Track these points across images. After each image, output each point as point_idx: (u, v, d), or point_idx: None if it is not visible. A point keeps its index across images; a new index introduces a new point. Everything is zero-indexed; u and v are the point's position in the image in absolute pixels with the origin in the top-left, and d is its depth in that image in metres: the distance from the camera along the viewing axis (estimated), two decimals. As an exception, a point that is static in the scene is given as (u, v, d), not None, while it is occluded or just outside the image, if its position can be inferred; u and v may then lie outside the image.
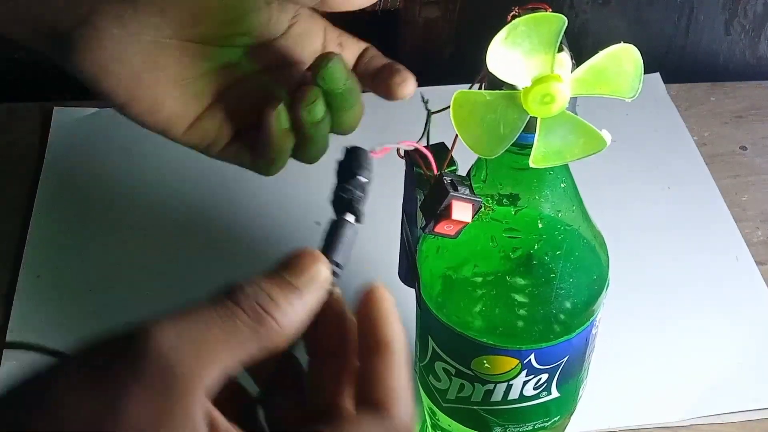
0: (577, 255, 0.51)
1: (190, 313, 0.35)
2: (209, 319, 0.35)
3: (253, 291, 0.36)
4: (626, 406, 0.68)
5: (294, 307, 0.36)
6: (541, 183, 0.48)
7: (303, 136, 0.50)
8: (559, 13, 0.40)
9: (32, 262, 0.76)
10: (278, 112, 0.48)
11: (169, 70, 0.49)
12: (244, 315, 0.35)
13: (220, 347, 0.34)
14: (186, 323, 0.35)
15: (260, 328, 0.35)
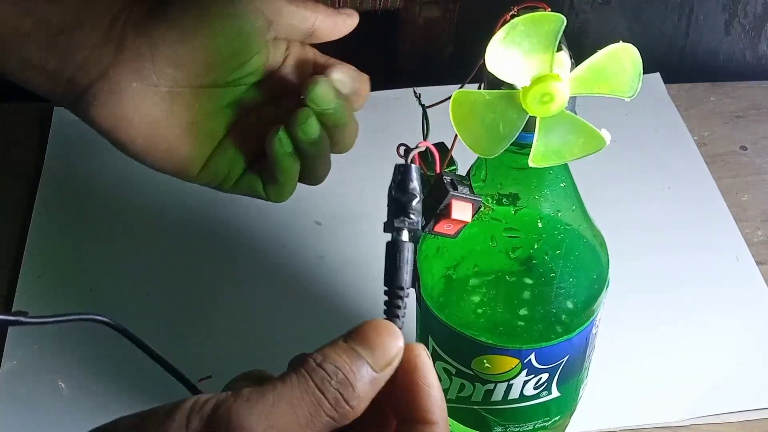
0: (577, 254, 0.51)
1: (276, 394, 0.37)
2: (297, 403, 0.36)
3: (333, 372, 0.37)
4: (626, 406, 0.68)
5: (367, 388, 0.38)
6: (541, 182, 0.48)
7: (306, 157, 0.52)
8: (559, 13, 0.40)
9: (32, 262, 0.76)
10: (279, 136, 0.51)
11: (183, 116, 0.51)
12: (326, 403, 0.37)
13: (300, 430, 0.36)
14: (275, 409, 0.36)
15: (337, 414, 0.37)
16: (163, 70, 0.50)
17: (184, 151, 0.52)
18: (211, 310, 0.74)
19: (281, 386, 0.37)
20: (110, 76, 0.49)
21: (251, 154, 0.54)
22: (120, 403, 0.67)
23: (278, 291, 0.75)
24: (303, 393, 0.37)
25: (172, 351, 0.70)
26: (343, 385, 0.37)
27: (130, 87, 0.49)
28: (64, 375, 0.69)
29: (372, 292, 0.73)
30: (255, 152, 0.54)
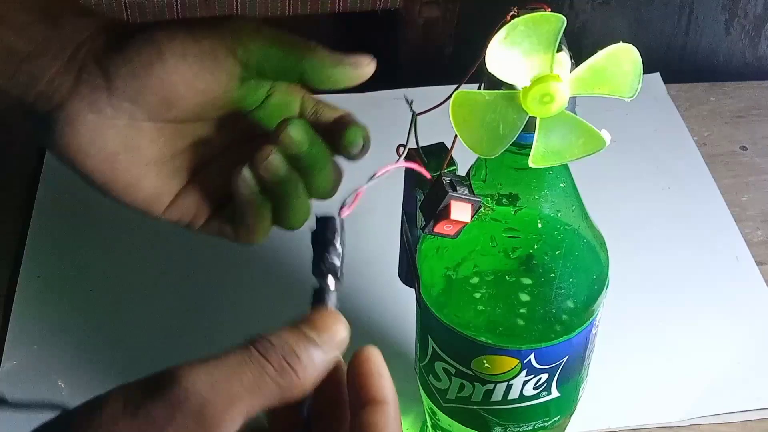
0: (577, 255, 0.51)
1: (221, 360, 0.38)
2: (239, 367, 0.38)
3: (279, 344, 0.39)
4: (626, 406, 0.68)
5: (314, 363, 0.39)
6: (541, 183, 0.48)
7: (276, 198, 0.50)
8: (559, 13, 0.40)
9: (32, 262, 0.76)
10: (242, 174, 0.49)
11: (145, 151, 0.50)
12: (270, 367, 0.38)
13: (246, 394, 0.37)
14: (217, 369, 0.38)
15: (283, 381, 0.38)
16: (120, 103, 0.48)
17: (147, 187, 0.50)
18: (211, 310, 0.74)
19: (225, 354, 0.38)
20: (67, 107, 0.48)
21: (221, 195, 0.52)
22: (120, 403, 0.67)
23: (279, 291, 0.75)
24: (247, 358, 0.38)
25: (172, 351, 0.71)
26: (288, 355, 0.38)
27: (85, 119, 0.48)
28: (64, 375, 0.69)
29: (372, 291, 0.74)
30: (225, 194, 0.51)
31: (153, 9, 0.86)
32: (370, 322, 0.72)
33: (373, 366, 0.41)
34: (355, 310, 0.73)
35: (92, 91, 0.48)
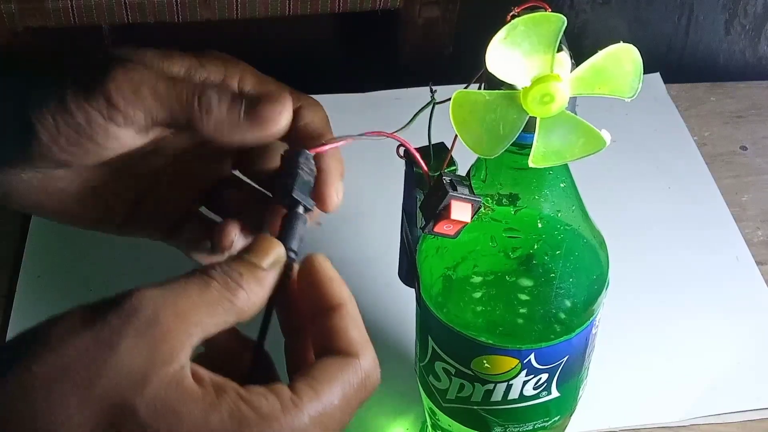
0: (577, 255, 0.51)
1: (171, 280, 0.40)
2: (187, 286, 0.39)
3: (222, 265, 0.40)
4: (626, 406, 0.68)
5: (259, 281, 0.41)
6: (541, 183, 0.48)
7: None
8: (559, 13, 0.40)
9: (32, 262, 0.76)
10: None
11: (70, 190, 0.48)
12: (217, 284, 0.39)
13: (196, 309, 0.38)
14: (167, 288, 0.39)
15: (232, 296, 0.39)
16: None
17: (87, 218, 0.50)
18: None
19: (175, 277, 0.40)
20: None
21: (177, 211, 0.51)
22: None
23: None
24: (193, 277, 0.40)
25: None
26: (231, 272, 0.40)
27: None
28: (64, 375, 0.69)
29: (372, 291, 0.74)
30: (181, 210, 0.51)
31: (153, 9, 0.86)
32: (370, 322, 0.72)
33: (323, 273, 0.43)
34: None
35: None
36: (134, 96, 0.44)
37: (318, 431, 0.38)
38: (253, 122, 0.44)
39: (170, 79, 0.45)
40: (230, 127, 0.44)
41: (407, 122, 0.47)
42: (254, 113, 0.44)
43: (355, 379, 0.40)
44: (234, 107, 0.44)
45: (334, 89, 0.83)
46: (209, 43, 0.49)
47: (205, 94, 0.44)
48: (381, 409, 0.67)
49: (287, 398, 0.38)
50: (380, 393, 0.68)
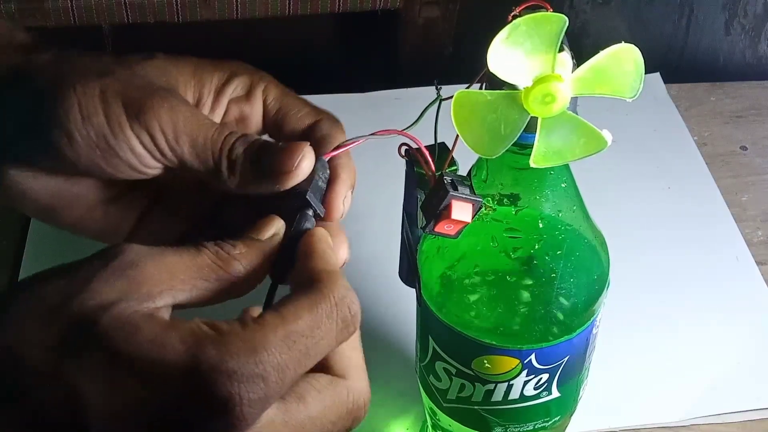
0: (578, 255, 0.51)
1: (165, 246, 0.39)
2: (179, 250, 0.39)
3: (216, 242, 0.40)
4: (626, 406, 0.68)
5: (256, 251, 0.41)
6: (542, 183, 0.48)
7: None
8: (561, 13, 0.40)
9: (32, 262, 0.76)
10: None
11: (82, 198, 0.48)
12: (209, 252, 0.39)
13: (183, 267, 0.38)
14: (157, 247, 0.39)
15: (223, 264, 0.40)
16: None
17: (94, 228, 0.50)
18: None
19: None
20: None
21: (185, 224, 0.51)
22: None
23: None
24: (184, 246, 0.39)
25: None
26: (223, 243, 0.40)
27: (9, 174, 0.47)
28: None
29: (372, 290, 0.73)
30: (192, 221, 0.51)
31: (153, 9, 0.86)
32: (370, 321, 0.72)
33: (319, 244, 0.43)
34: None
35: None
36: (174, 140, 0.44)
37: (283, 350, 0.37)
38: (274, 178, 0.45)
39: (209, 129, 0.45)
40: (252, 184, 0.45)
41: (416, 119, 0.47)
42: (276, 169, 0.44)
43: (325, 305, 0.39)
44: (258, 167, 0.45)
45: (334, 89, 0.83)
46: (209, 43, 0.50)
47: (234, 150, 0.45)
48: (381, 409, 0.67)
49: (249, 319, 0.38)
50: (380, 393, 0.68)
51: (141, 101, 0.44)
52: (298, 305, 0.38)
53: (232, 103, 0.49)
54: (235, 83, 0.48)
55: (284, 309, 0.38)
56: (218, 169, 0.45)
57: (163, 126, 0.44)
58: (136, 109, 0.44)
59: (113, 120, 0.44)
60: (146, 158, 0.45)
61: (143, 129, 0.44)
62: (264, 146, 0.45)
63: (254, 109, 0.49)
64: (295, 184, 0.45)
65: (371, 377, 0.69)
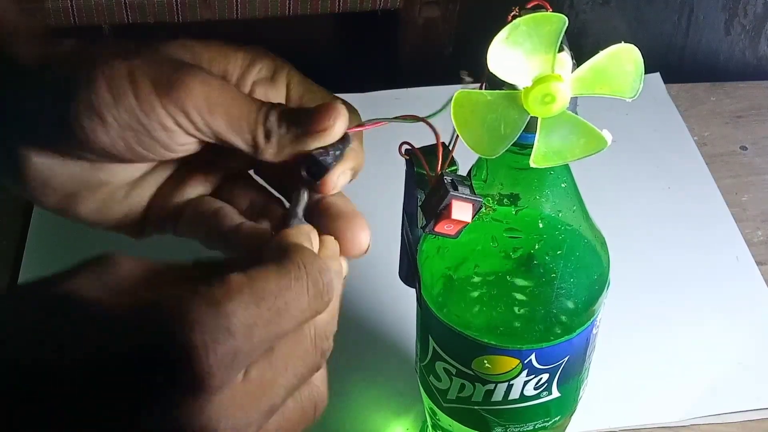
0: (578, 255, 0.51)
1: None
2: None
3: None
4: (626, 406, 0.68)
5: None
6: (542, 183, 0.48)
7: None
8: (561, 13, 0.40)
9: (32, 262, 0.76)
10: None
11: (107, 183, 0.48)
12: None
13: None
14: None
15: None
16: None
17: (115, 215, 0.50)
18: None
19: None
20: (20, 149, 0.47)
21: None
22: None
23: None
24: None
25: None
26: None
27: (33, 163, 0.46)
28: (64, 375, 0.69)
29: (373, 291, 0.74)
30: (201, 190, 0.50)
31: (153, 9, 0.86)
32: (370, 322, 0.72)
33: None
34: (356, 310, 0.73)
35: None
36: (209, 114, 0.43)
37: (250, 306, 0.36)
38: (311, 137, 0.44)
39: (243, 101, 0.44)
40: (288, 148, 0.45)
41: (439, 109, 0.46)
42: (312, 128, 0.44)
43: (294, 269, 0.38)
44: (292, 128, 0.44)
45: (334, 89, 0.83)
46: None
47: (268, 120, 0.44)
48: (381, 409, 0.67)
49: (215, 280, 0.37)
50: (380, 393, 0.68)
51: (170, 78, 0.43)
52: (266, 267, 0.38)
53: (256, 85, 0.48)
54: (259, 65, 0.48)
55: (251, 270, 0.37)
56: (254, 139, 0.44)
57: (195, 101, 0.43)
58: (167, 86, 0.43)
59: (143, 99, 0.43)
60: (180, 136, 0.44)
61: (176, 106, 0.43)
62: (297, 110, 0.45)
63: (279, 92, 0.48)
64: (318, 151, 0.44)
65: (371, 377, 0.69)
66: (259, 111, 0.44)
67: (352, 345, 0.71)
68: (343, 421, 0.67)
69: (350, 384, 0.69)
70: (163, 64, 0.44)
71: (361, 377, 0.69)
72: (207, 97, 0.43)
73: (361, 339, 0.71)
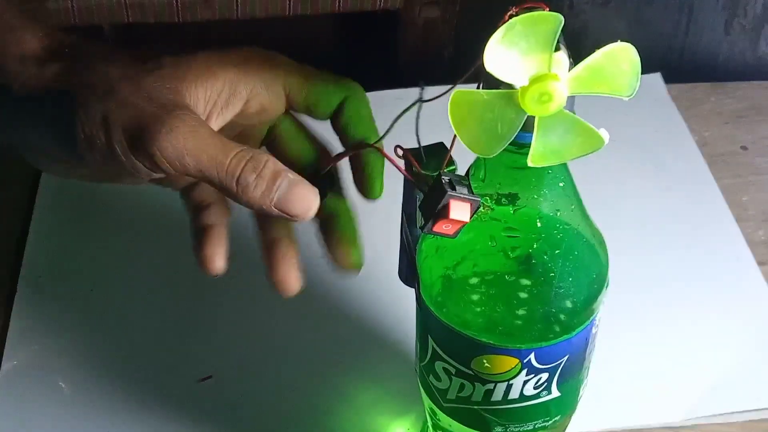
0: (577, 254, 0.51)
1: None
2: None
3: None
4: (627, 406, 0.68)
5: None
6: (540, 182, 0.48)
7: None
8: (558, 13, 0.40)
9: (32, 262, 0.76)
10: None
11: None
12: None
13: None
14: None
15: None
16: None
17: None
18: (211, 310, 0.74)
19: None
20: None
21: None
22: (120, 403, 0.67)
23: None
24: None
25: (173, 351, 0.71)
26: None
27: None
28: (64, 375, 0.69)
29: (371, 291, 0.74)
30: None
31: (153, 9, 0.86)
32: (370, 322, 0.72)
33: None
34: (355, 310, 0.73)
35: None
36: (179, 164, 0.45)
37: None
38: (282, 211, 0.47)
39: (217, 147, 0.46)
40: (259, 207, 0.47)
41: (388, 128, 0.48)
42: (284, 205, 0.46)
43: None
44: (267, 195, 0.46)
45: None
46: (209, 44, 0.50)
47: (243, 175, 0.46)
48: (381, 409, 0.68)
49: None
50: (380, 393, 0.68)
51: (142, 127, 0.45)
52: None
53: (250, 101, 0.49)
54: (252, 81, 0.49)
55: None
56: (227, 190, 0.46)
57: (164, 152, 0.45)
58: (137, 135, 0.45)
59: (114, 148, 0.45)
60: (154, 174, 0.47)
61: (145, 156, 0.45)
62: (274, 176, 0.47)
63: (273, 99, 0.50)
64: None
65: (371, 377, 0.69)
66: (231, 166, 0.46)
67: (353, 345, 0.71)
68: (343, 421, 0.67)
69: (350, 384, 0.69)
70: (138, 106, 0.46)
71: (361, 377, 0.69)
72: (176, 148, 0.45)
73: (361, 339, 0.71)
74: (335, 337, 0.72)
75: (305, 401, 0.68)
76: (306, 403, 0.68)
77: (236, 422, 0.67)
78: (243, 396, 0.68)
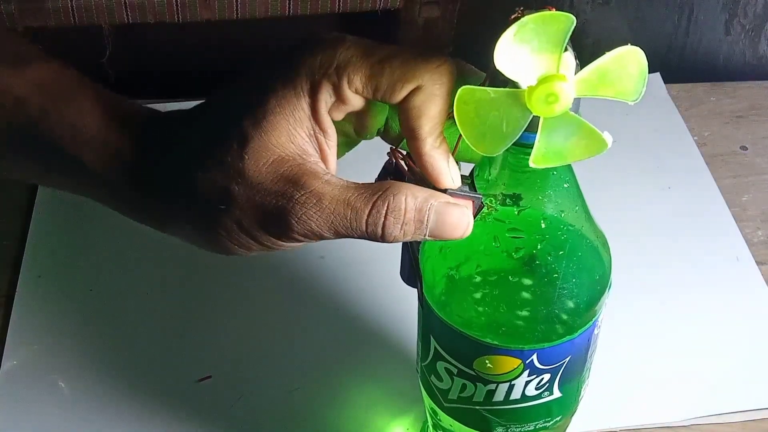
0: (580, 255, 0.51)
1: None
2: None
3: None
4: (627, 406, 0.68)
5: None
6: (545, 183, 0.47)
7: None
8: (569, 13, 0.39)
9: (32, 262, 0.76)
10: None
11: None
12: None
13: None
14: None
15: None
16: None
17: None
18: (211, 310, 0.74)
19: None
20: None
21: None
22: (120, 403, 0.67)
23: (278, 291, 0.75)
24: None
25: (173, 351, 0.71)
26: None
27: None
28: (64, 375, 0.69)
29: (372, 291, 0.74)
30: None
31: (153, 9, 0.86)
32: (372, 322, 0.72)
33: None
34: (357, 310, 0.73)
35: None
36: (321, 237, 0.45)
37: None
38: (441, 239, 0.46)
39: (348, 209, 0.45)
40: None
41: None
42: (440, 234, 0.45)
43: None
44: (419, 234, 0.45)
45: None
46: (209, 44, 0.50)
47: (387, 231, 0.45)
48: (381, 408, 0.67)
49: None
50: (380, 393, 0.68)
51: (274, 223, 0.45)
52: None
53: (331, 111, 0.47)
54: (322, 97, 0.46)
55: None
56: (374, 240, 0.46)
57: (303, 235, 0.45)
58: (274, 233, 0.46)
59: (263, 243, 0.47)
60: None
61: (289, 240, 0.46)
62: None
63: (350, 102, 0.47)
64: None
65: (372, 377, 0.69)
66: (368, 222, 0.45)
67: (353, 345, 0.71)
68: (344, 421, 0.67)
69: (350, 384, 0.69)
70: (259, 206, 0.45)
71: (361, 377, 0.69)
72: (312, 230, 0.45)
73: (362, 339, 0.71)
74: (335, 337, 0.72)
75: (305, 401, 0.68)
76: (306, 403, 0.68)
77: (235, 422, 0.67)
78: (242, 396, 0.68)
